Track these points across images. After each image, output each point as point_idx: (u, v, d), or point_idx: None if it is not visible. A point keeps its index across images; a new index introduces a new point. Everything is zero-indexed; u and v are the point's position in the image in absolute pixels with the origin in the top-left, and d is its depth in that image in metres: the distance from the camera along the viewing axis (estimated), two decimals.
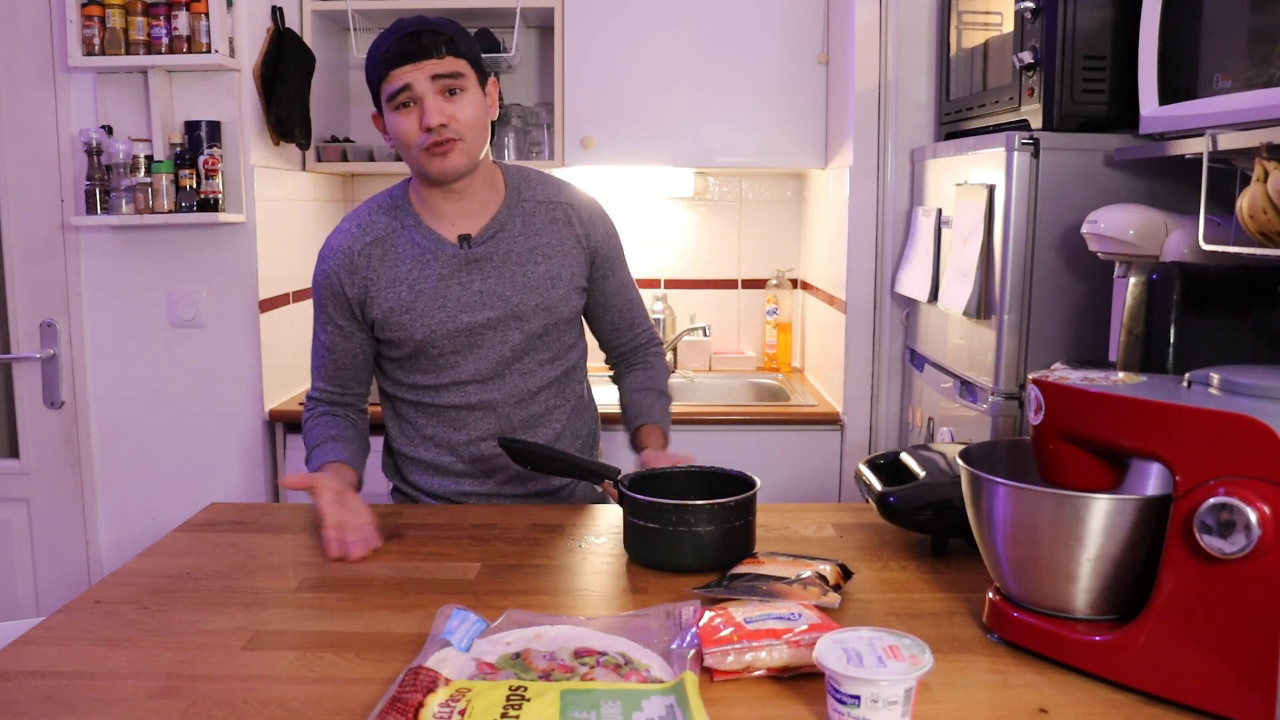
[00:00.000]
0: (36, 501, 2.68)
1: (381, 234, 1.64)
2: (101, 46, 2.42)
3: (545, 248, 1.67)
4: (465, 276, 1.62)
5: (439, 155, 1.55)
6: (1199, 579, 0.95)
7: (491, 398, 1.67)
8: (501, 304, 1.63)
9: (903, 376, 2.63)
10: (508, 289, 1.64)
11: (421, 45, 1.51)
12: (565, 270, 1.68)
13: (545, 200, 1.69)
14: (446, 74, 1.53)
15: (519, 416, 1.69)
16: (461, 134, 1.55)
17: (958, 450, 1.22)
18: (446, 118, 1.53)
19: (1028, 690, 1.03)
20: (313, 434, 1.67)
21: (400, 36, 1.52)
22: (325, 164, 2.97)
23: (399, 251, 1.63)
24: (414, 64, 1.51)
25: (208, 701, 1.02)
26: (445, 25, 1.56)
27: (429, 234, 1.63)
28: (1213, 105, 1.47)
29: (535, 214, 1.68)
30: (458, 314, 1.62)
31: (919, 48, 2.53)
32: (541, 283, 1.66)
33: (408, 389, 1.70)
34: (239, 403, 2.65)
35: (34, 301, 2.62)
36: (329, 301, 1.65)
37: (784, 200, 3.34)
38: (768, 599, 1.16)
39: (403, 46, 1.52)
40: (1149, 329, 1.42)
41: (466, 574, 1.37)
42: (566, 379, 1.75)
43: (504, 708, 0.96)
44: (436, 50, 1.52)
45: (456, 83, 1.54)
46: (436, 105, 1.53)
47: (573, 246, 1.69)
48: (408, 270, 1.62)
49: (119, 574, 1.38)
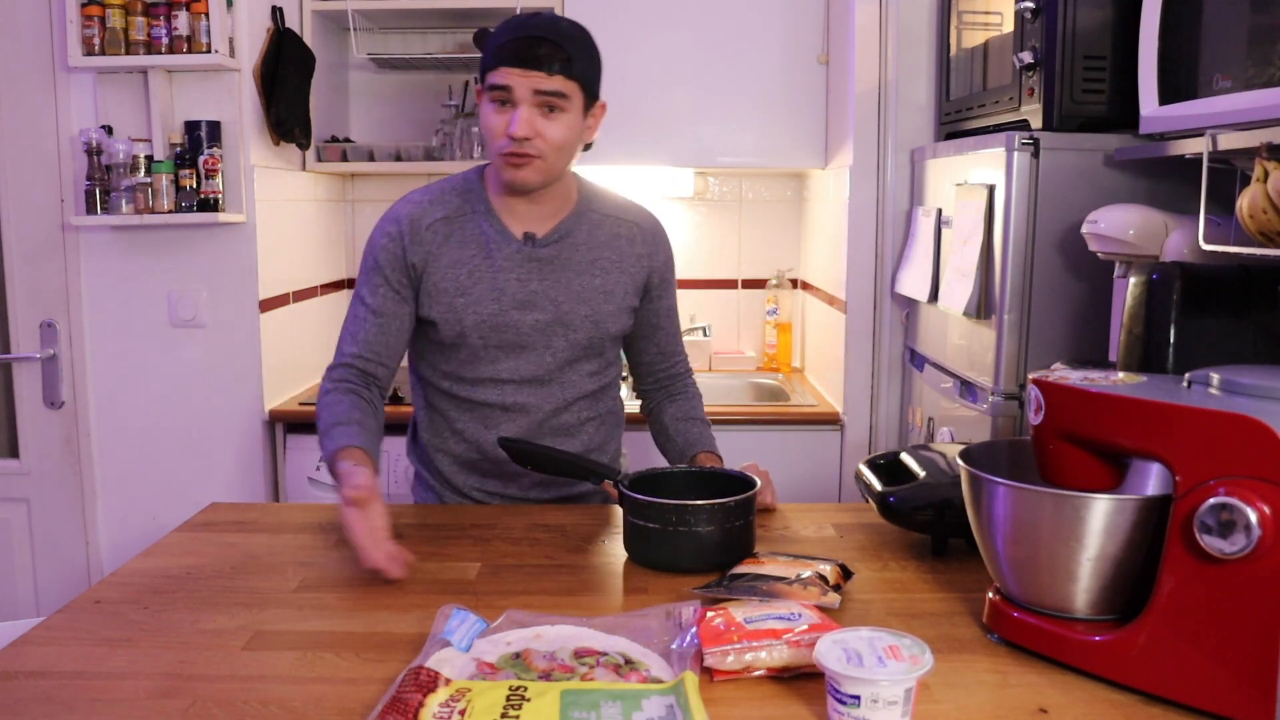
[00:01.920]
0: (36, 501, 2.68)
1: (451, 213, 1.62)
2: (101, 46, 2.42)
3: (604, 262, 1.65)
4: (524, 274, 1.61)
5: (514, 165, 1.52)
6: (1199, 579, 0.95)
7: (527, 401, 1.65)
8: (553, 308, 1.62)
9: (903, 376, 2.63)
10: (561, 295, 1.62)
11: (538, 55, 1.46)
12: (619, 288, 1.67)
13: (612, 215, 1.68)
14: (550, 92, 1.48)
15: (551, 425, 1.67)
16: (543, 152, 1.51)
17: (958, 450, 1.22)
18: (533, 133, 1.49)
19: (1028, 690, 1.03)
20: (334, 409, 1.57)
21: (522, 37, 1.47)
22: (325, 164, 2.97)
23: (465, 234, 1.61)
24: (522, 71, 1.47)
25: (208, 701, 1.02)
26: (571, 38, 1.50)
27: (497, 224, 1.61)
28: (1213, 105, 1.47)
29: (601, 227, 1.66)
30: (509, 309, 1.60)
31: (919, 48, 2.53)
32: (594, 296, 1.64)
33: (444, 377, 1.66)
34: (239, 403, 2.65)
35: (34, 301, 2.62)
36: (388, 264, 1.60)
37: (784, 200, 3.34)
38: (768, 599, 1.16)
39: (519, 48, 1.47)
40: (1149, 329, 1.42)
41: (466, 574, 1.37)
42: (602, 393, 1.73)
43: (504, 708, 0.96)
44: (549, 65, 1.47)
45: (558, 102, 1.50)
46: (528, 117, 1.48)
47: (632, 265, 1.68)
48: (470, 254, 1.60)
49: (119, 574, 1.37)
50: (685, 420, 1.79)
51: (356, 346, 1.63)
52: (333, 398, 1.59)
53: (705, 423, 1.80)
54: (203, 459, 2.66)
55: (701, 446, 1.74)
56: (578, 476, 1.59)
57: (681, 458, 1.75)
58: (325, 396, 1.61)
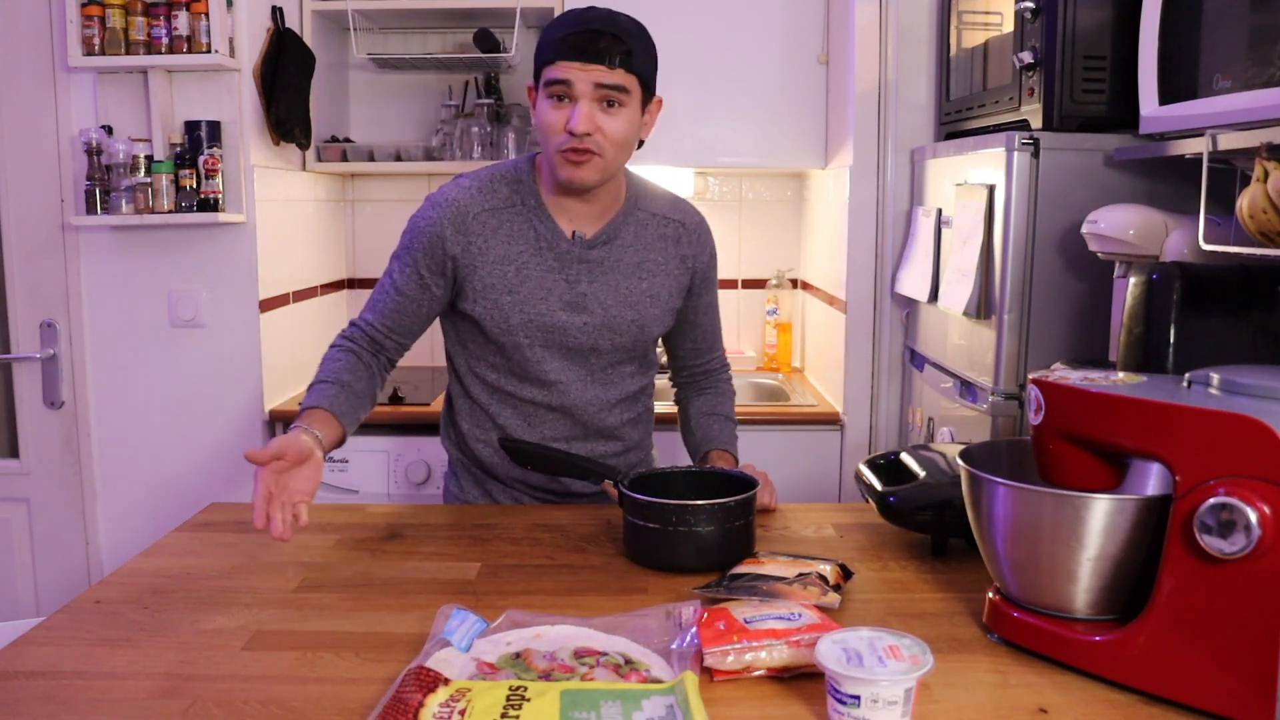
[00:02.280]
0: (36, 501, 2.68)
1: (501, 205, 1.58)
2: (101, 46, 2.42)
3: (651, 264, 1.64)
4: (573, 275, 1.59)
5: (573, 163, 1.49)
6: (1199, 579, 0.95)
7: (573, 402, 1.64)
8: (601, 311, 1.60)
9: (903, 376, 2.63)
10: (609, 298, 1.61)
11: (598, 49, 1.44)
12: (665, 290, 1.66)
13: (659, 214, 1.67)
14: (611, 85, 1.46)
15: (595, 426, 1.67)
16: (603, 149, 1.49)
17: (958, 450, 1.22)
18: (594, 128, 1.47)
19: (1028, 690, 1.03)
20: (328, 365, 1.58)
21: (581, 30, 1.45)
22: (325, 164, 2.97)
23: (515, 229, 1.58)
24: (583, 64, 1.44)
25: (208, 701, 1.02)
26: (630, 32, 1.48)
27: (548, 220, 1.58)
28: (1213, 105, 1.47)
29: (647, 226, 1.65)
30: (557, 310, 1.58)
31: (919, 48, 2.53)
32: (641, 300, 1.63)
33: (489, 370, 1.64)
34: (239, 403, 2.65)
35: (34, 301, 2.62)
36: (423, 248, 1.57)
37: (784, 200, 3.34)
38: (768, 599, 1.16)
39: (579, 42, 1.44)
40: (1149, 329, 1.42)
41: (466, 574, 1.37)
42: (641, 394, 1.74)
43: (504, 708, 0.96)
44: (610, 59, 1.45)
45: (618, 96, 1.47)
46: (589, 112, 1.46)
47: (676, 266, 1.67)
48: (520, 251, 1.57)
49: (119, 574, 1.37)
50: (709, 415, 1.79)
51: (374, 315, 1.62)
52: (332, 353, 1.60)
53: (730, 420, 1.80)
54: (203, 459, 2.66)
55: (717, 444, 1.74)
56: (578, 476, 1.59)
57: (697, 452, 1.75)
58: (329, 350, 1.61)
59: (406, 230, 1.61)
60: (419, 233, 1.58)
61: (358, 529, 1.56)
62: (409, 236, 1.60)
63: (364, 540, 1.51)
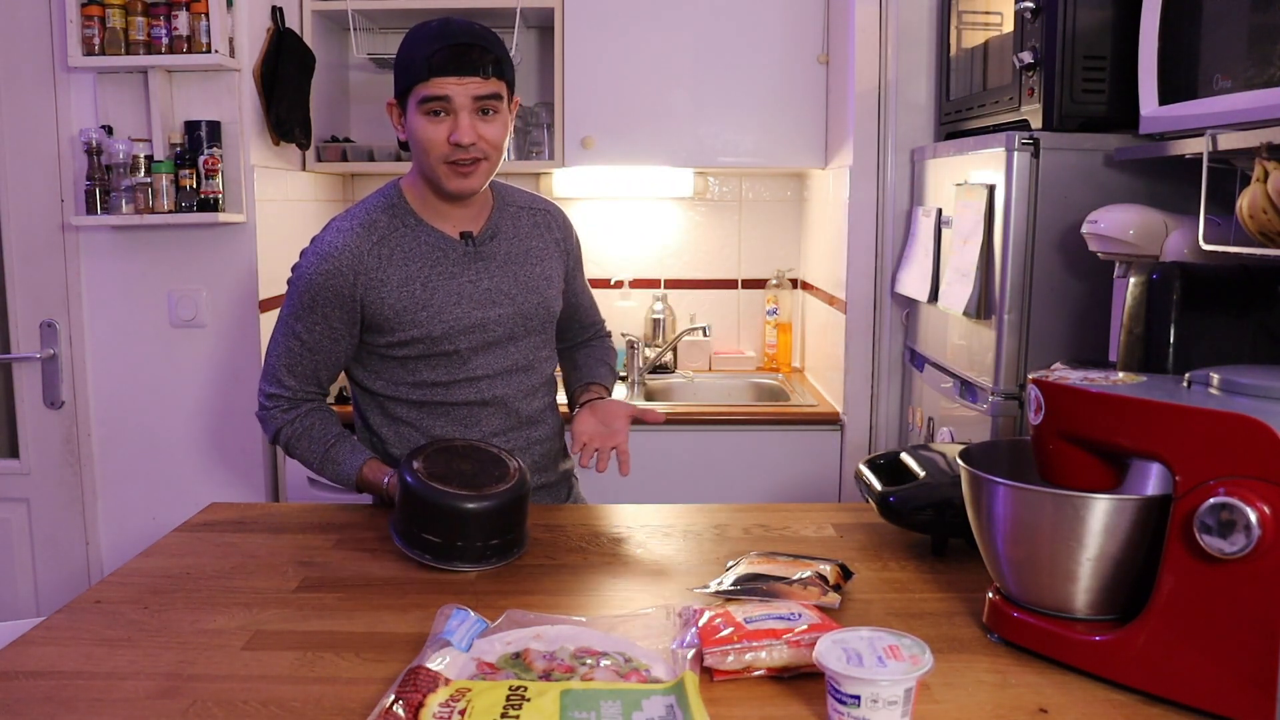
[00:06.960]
0: (36, 501, 2.68)
1: (386, 233, 1.60)
2: (101, 46, 2.41)
3: (536, 251, 1.71)
4: (474, 274, 1.63)
5: (461, 175, 1.54)
6: (1199, 579, 0.95)
7: (504, 393, 1.67)
8: (509, 301, 1.65)
9: (903, 376, 2.63)
10: (512, 287, 1.65)
11: (470, 60, 1.49)
12: (554, 272, 1.73)
13: (527, 206, 1.74)
14: (487, 95, 1.51)
15: (525, 412, 1.70)
16: (488, 154, 1.55)
17: (958, 450, 1.22)
18: (477, 137, 1.51)
19: (1028, 690, 1.03)
20: (319, 431, 1.62)
21: (449, 45, 1.49)
22: (325, 164, 2.97)
23: (408, 250, 1.60)
24: (458, 79, 1.49)
25: (208, 701, 1.02)
26: (494, 42, 1.54)
27: (433, 232, 1.62)
28: (1213, 105, 1.47)
29: (521, 219, 1.71)
30: (472, 310, 1.62)
31: (919, 48, 2.53)
32: (539, 283, 1.69)
33: (411, 388, 1.64)
34: (239, 403, 2.65)
35: (34, 301, 2.62)
36: (326, 302, 1.57)
37: (784, 200, 3.34)
38: (768, 599, 1.16)
39: (451, 56, 1.48)
40: (1149, 329, 1.43)
41: (466, 574, 1.37)
42: (553, 378, 1.79)
43: (504, 708, 0.96)
44: (484, 69, 1.50)
45: (493, 104, 1.53)
46: (470, 123, 1.50)
47: (553, 250, 1.74)
48: (419, 268, 1.60)
49: (119, 574, 1.38)
50: (590, 359, 1.89)
51: (293, 379, 1.62)
52: (305, 421, 1.63)
53: (610, 368, 1.90)
54: (203, 459, 2.66)
55: (595, 379, 1.84)
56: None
57: (576, 383, 1.85)
58: (291, 424, 1.62)
59: (298, 289, 1.58)
60: (318, 289, 1.56)
61: (358, 529, 1.56)
62: (306, 295, 1.57)
63: (364, 540, 1.51)
